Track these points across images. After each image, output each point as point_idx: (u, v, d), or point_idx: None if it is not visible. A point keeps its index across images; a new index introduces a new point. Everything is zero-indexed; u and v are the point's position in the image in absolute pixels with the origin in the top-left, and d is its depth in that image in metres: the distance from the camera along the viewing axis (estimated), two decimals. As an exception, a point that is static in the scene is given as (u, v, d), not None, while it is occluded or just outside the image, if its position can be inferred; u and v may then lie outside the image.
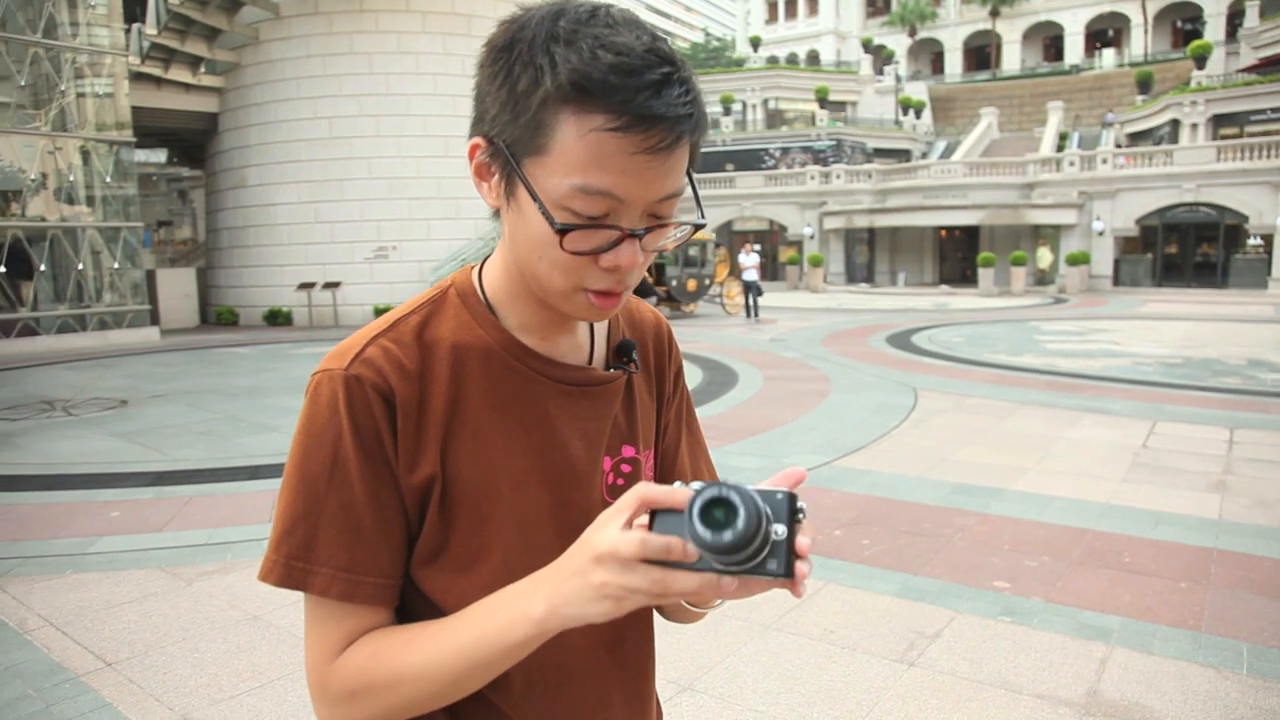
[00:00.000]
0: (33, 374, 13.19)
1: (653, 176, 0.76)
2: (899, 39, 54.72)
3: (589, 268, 0.80)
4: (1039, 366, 11.65)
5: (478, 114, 0.81)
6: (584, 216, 0.76)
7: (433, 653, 0.77)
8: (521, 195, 0.78)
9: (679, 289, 20.77)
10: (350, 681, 0.80)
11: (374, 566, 0.82)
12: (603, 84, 0.72)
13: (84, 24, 17.97)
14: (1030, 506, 5.42)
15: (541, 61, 0.74)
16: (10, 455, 7.47)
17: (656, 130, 0.74)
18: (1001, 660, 3.44)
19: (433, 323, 0.88)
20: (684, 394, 1.09)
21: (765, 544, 0.68)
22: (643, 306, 1.07)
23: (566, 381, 0.91)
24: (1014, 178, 31.61)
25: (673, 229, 0.83)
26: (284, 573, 0.81)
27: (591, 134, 0.73)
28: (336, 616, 0.82)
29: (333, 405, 0.81)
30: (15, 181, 17.19)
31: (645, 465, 0.99)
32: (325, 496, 0.81)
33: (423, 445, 0.84)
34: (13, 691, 3.30)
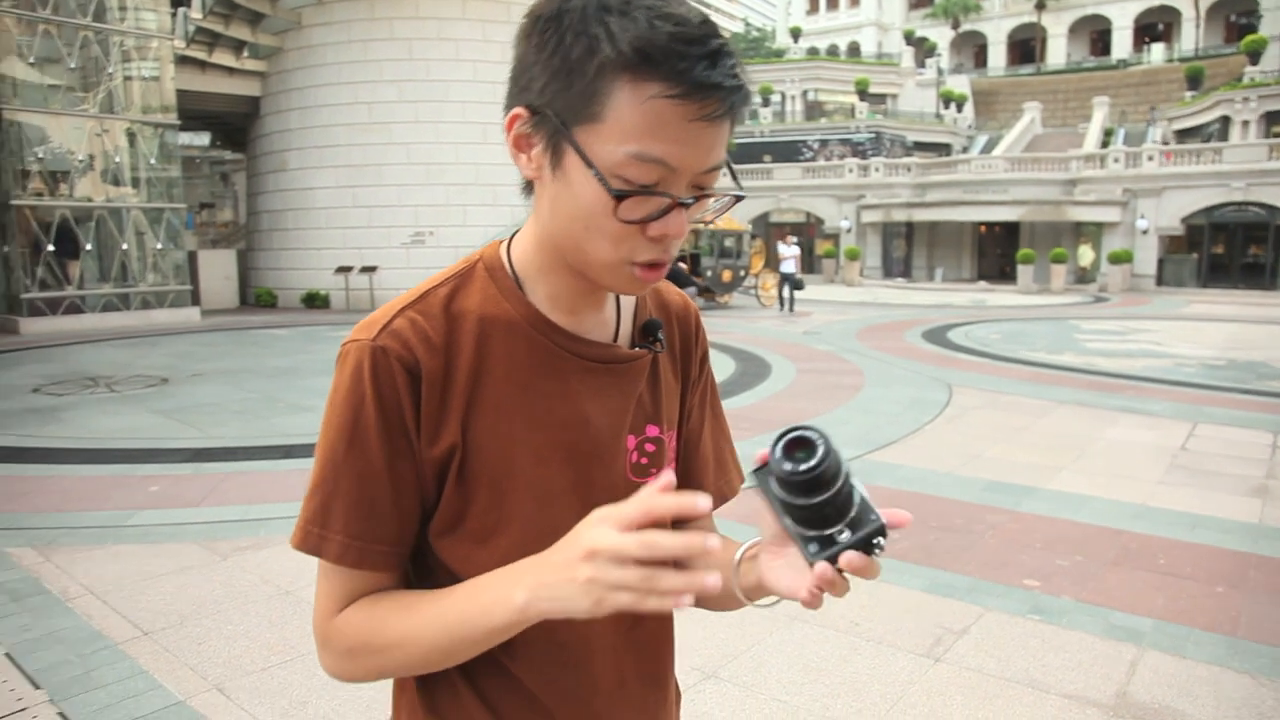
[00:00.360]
0: (78, 351, 13.48)
1: (705, 145, 0.78)
2: (942, 31, 54.04)
3: (636, 238, 0.80)
4: (1077, 365, 11.49)
5: (521, 84, 0.81)
6: (636, 185, 0.77)
7: (421, 625, 0.81)
8: (570, 164, 0.79)
9: (714, 280, 20.70)
10: (348, 639, 0.85)
11: (384, 535, 0.85)
12: (665, 51, 0.73)
13: (132, 8, 18.23)
14: (1064, 505, 5.35)
15: (597, 31, 0.75)
16: (56, 429, 7.65)
17: (712, 99, 0.75)
18: (1029, 658, 3.42)
19: (460, 295, 0.89)
20: (709, 379, 1.09)
21: (850, 501, 0.73)
22: (671, 289, 1.07)
23: (590, 358, 0.91)
24: (1056, 174, 31.10)
25: (714, 200, 0.84)
26: (302, 537, 0.85)
27: (650, 101, 0.74)
28: (343, 576, 0.86)
29: (358, 375, 0.83)
30: (64, 162, 17.51)
31: (669, 446, 0.99)
32: (343, 465, 0.83)
33: (446, 416, 0.85)
34: (55, 656, 3.39)
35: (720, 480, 1.08)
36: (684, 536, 0.69)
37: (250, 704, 3.04)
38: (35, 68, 16.90)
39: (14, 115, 16.39)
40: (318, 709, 3.02)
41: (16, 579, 4.17)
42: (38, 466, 6.35)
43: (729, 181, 0.88)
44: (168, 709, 2.99)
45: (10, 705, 3.03)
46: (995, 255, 34.73)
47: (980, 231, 35.06)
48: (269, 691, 3.12)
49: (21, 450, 6.84)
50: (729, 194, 0.85)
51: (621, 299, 0.98)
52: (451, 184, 20.95)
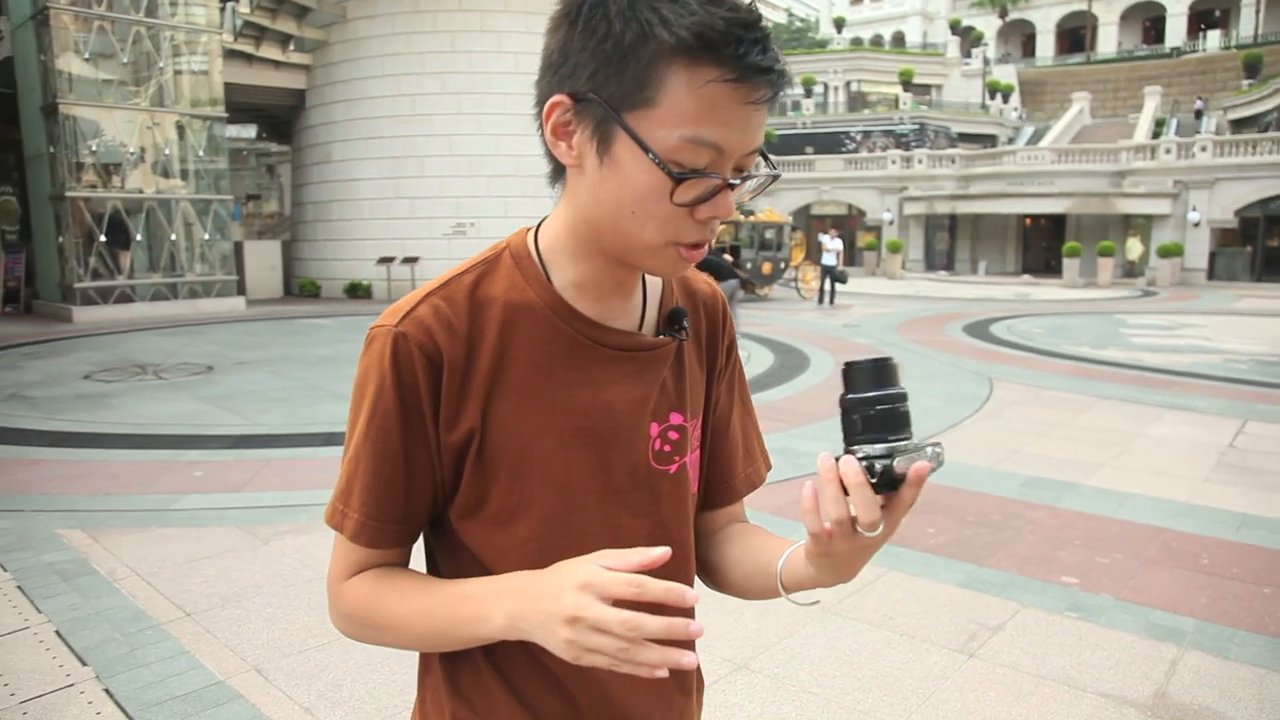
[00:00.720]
0: (128, 339, 13.79)
1: (753, 128, 0.80)
2: (989, 20, 53.11)
3: (684, 220, 0.81)
4: (1122, 360, 11.28)
5: (561, 73, 0.81)
6: (688, 168, 0.78)
7: (414, 615, 0.87)
8: (620, 150, 0.79)
9: (754, 272, 20.62)
10: (351, 607, 0.91)
11: (396, 514, 0.89)
12: (725, 36, 0.75)
13: (182, 3, 18.55)
14: (1105, 502, 5.27)
15: (648, 16, 0.75)
16: (106, 415, 7.84)
17: (764, 83, 0.78)
18: (1066, 656, 3.37)
19: (485, 281, 0.90)
20: (736, 366, 1.10)
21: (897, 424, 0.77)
22: (698, 277, 1.07)
23: (613, 345, 0.92)
24: (1105, 165, 30.49)
25: (753, 181, 0.86)
26: (329, 513, 0.91)
27: (707, 86, 0.76)
28: (357, 550, 0.91)
29: (380, 360, 0.85)
30: (116, 155, 17.89)
31: (692, 434, 1.00)
32: (364, 446, 0.87)
33: (466, 401, 0.86)
34: (102, 634, 3.49)
35: (749, 468, 1.09)
36: (667, 621, 0.73)
37: (287, 685, 3.10)
38: (90, 63, 17.28)
39: (69, 109, 16.76)
40: (353, 691, 3.07)
41: (67, 559, 4.30)
42: (88, 451, 6.52)
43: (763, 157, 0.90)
44: (208, 688, 3.07)
45: (60, 681, 3.12)
46: (1040, 248, 34.14)
47: (1025, 224, 34.49)
48: (306, 673, 3.19)
49: (73, 435, 7.02)
50: (767, 174, 0.87)
51: (648, 287, 0.98)
52: (493, 175, 21.07)
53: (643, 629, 0.72)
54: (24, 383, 9.55)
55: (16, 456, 6.34)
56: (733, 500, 1.08)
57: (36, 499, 5.31)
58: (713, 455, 1.06)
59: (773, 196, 35.70)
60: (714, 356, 1.05)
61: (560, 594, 0.75)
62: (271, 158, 35.27)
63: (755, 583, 0.98)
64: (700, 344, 1.03)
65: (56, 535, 4.64)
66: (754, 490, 1.09)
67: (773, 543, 0.97)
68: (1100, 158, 30.90)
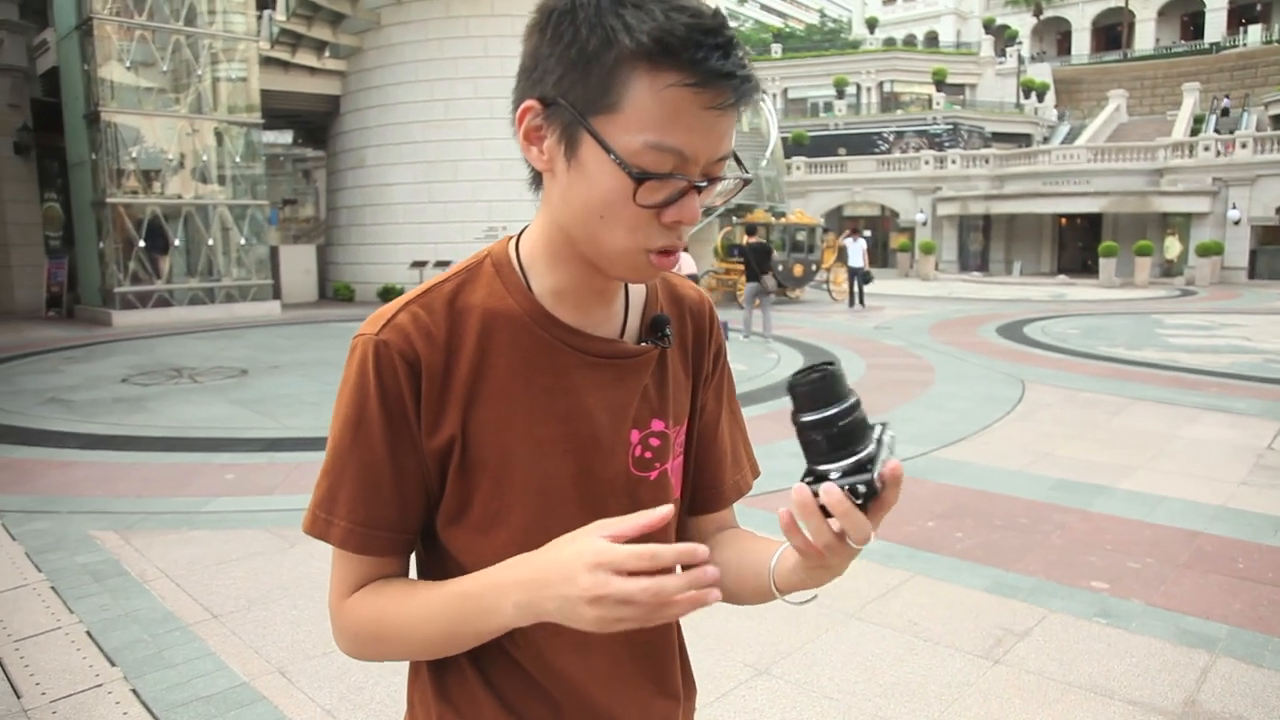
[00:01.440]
0: (165, 343, 14.03)
1: (717, 133, 0.80)
2: (1023, 18, 52.50)
3: (651, 224, 0.82)
4: (1159, 361, 11.08)
5: (532, 78, 0.82)
6: (651, 173, 0.79)
7: (418, 619, 0.86)
8: (586, 154, 0.80)
9: (785, 274, 20.51)
10: (354, 624, 0.90)
11: (388, 522, 0.88)
12: (683, 41, 0.75)
13: (220, 11, 18.86)
14: (1137, 506, 5.18)
15: (613, 22, 0.76)
16: (142, 418, 7.98)
17: (726, 88, 0.78)
18: (1094, 663, 3.32)
19: (465, 290, 0.91)
20: (725, 373, 1.09)
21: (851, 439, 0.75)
22: (685, 283, 1.07)
23: (593, 353, 0.92)
24: (1142, 163, 30.01)
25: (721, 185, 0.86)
26: (310, 521, 0.90)
27: (667, 90, 0.76)
28: (352, 561, 0.90)
29: (362, 368, 0.86)
30: (156, 161, 18.21)
31: (675, 440, 1.00)
32: (349, 454, 0.87)
33: (446, 409, 0.87)
34: (130, 635, 3.55)
35: (737, 475, 1.09)
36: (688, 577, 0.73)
37: (310, 688, 3.13)
38: (131, 71, 17.62)
39: (111, 117, 17.09)
40: (374, 694, 3.10)
41: (99, 560, 4.38)
42: (123, 454, 6.64)
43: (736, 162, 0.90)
44: (232, 689, 3.11)
45: (90, 680, 3.18)
46: (1076, 248, 33.69)
47: (1061, 224, 34.05)
48: (329, 676, 3.22)
49: (109, 438, 7.16)
50: (736, 178, 0.87)
51: (631, 294, 0.99)
52: (525, 179, 20.89)
53: (665, 591, 0.72)
54: (64, 386, 9.76)
55: (54, 459, 6.48)
56: (721, 506, 1.08)
57: (72, 501, 5.42)
58: (700, 462, 1.06)
59: (804, 198, 35.57)
60: (700, 363, 1.05)
61: (574, 577, 0.74)
62: (308, 163, 35.72)
63: (747, 586, 0.97)
64: (686, 350, 1.03)
65: (90, 537, 4.73)
66: (742, 497, 1.08)
67: (762, 545, 0.97)
68: (1137, 156, 30.41)
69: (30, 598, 3.94)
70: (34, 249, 21.19)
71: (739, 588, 0.99)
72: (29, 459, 6.50)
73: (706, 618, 3.73)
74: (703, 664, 3.32)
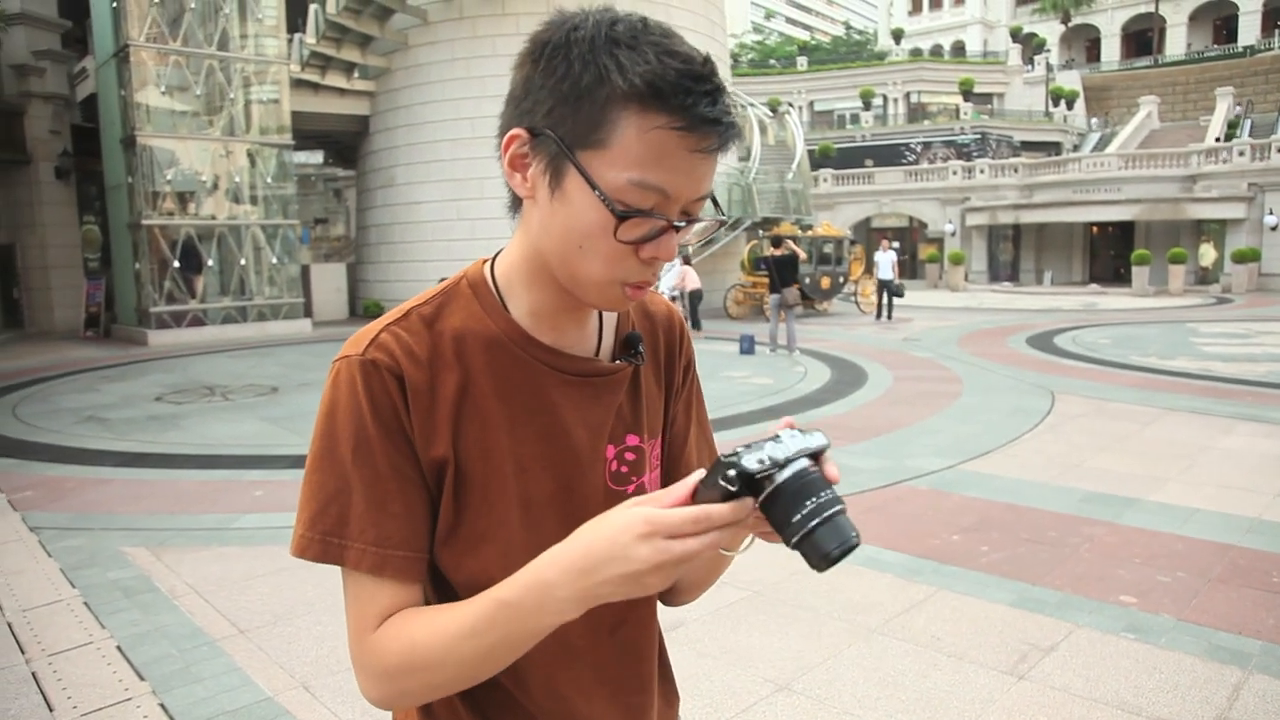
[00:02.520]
0: (198, 361, 14.26)
1: (699, 175, 0.82)
2: (1051, 26, 52.15)
3: (629, 259, 0.84)
4: (1192, 370, 10.90)
5: (522, 107, 0.84)
6: (633, 209, 0.81)
7: (457, 636, 0.81)
8: (570, 186, 0.82)
9: (812, 286, 20.45)
10: (384, 658, 0.84)
11: (401, 540, 0.86)
12: (674, 86, 0.78)
13: (252, 36, 19.23)
14: (1168, 518, 5.09)
15: (606, 62, 0.78)
16: (175, 435, 8.12)
17: (712, 134, 0.80)
18: (1121, 679, 3.27)
19: (443, 313, 0.92)
20: (694, 386, 1.12)
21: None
22: (656, 299, 1.09)
23: (570, 372, 0.94)
24: (1175, 170, 29.59)
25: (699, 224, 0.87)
26: (321, 548, 0.86)
27: (654, 132, 0.78)
28: (370, 591, 0.86)
29: (352, 389, 0.87)
30: (190, 183, 18.58)
31: (650, 454, 1.02)
32: (352, 475, 0.86)
33: (435, 428, 0.88)
34: (159, 650, 3.61)
35: None
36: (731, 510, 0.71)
37: (333, 703, 3.16)
38: (166, 96, 18.01)
39: (147, 140, 17.48)
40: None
41: (130, 576, 4.46)
42: (155, 471, 6.75)
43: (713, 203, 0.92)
44: (257, 704, 3.15)
45: (119, 695, 3.24)
46: (1108, 257, 33.27)
47: (1092, 232, 33.64)
48: (351, 691, 3.24)
49: (142, 455, 7.28)
50: (713, 219, 0.90)
51: (605, 313, 1.01)
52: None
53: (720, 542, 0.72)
54: (100, 405, 9.95)
55: (89, 476, 6.60)
56: None
57: (105, 518, 5.52)
58: (668, 474, 1.07)
59: (832, 210, 35.47)
60: (671, 376, 1.07)
61: (627, 553, 0.72)
62: (339, 182, 36.14)
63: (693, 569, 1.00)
64: (659, 364, 1.06)
65: (122, 553, 4.81)
66: None
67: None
68: (1169, 162, 30.00)
69: (64, 613, 4.01)
70: (73, 270, 21.68)
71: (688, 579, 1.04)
72: (66, 476, 6.64)
73: (727, 633, 3.72)
74: (723, 679, 3.32)
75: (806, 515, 0.70)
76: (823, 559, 0.69)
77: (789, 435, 0.74)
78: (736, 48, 56.84)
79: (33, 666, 3.48)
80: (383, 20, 21.50)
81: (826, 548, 0.69)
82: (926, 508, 5.44)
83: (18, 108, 20.85)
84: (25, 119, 20.95)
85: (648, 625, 1.04)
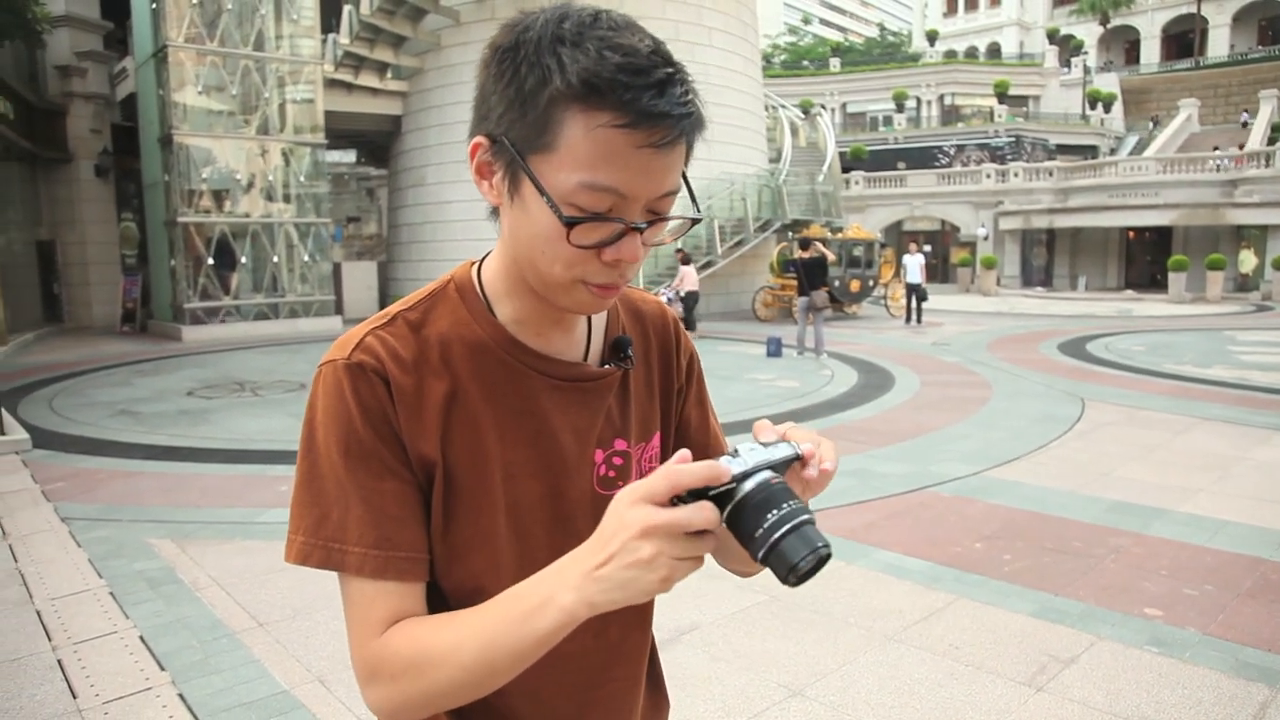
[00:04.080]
0: (230, 357, 14.45)
1: (654, 172, 0.78)
2: (1089, 28, 51.48)
3: (591, 262, 0.82)
4: (1229, 379, 10.70)
5: (481, 113, 0.83)
6: (588, 212, 0.78)
7: (461, 641, 0.78)
8: (526, 191, 0.80)
9: (842, 290, 20.32)
10: (389, 663, 0.81)
11: (400, 541, 0.85)
12: (611, 82, 0.75)
13: (288, 36, 19.46)
14: (1198, 530, 5.00)
15: (549, 62, 0.76)
16: (204, 430, 8.23)
17: (660, 127, 0.76)
18: (1142, 693, 3.21)
19: (430, 317, 0.91)
20: (699, 380, 1.10)
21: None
22: (645, 298, 1.07)
23: (558, 377, 0.93)
24: (1215, 174, 29.07)
25: (670, 223, 0.84)
26: (323, 555, 0.84)
27: (598, 130, 0.76)
28: (370, 596, 0.84)
29: (339, 393, 0.85)
30: (225, 181, 18.83)
31: (637, 458, 1.00)
32: (346, 479, 0.84)
33: (422, 432, 0.86)
34: (180, 641, 3.66)
35: None
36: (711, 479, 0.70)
37: (347, 697, 3.19)
38: (203, 95, 18.27)
39: (183, 139, 17.74)
40: (410, 704, 3.14)
41: (155, 568, 4.52)
42: (184, 465, 6.85)
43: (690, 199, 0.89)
44: (273, 697, 3.18)
45: (140, 684, 3.29)
46: (1145, 262, 32.77)
47: (1128, 237, 33.15)
48: (367, 685, 3.27)
49: (172, 449, 7.39)
50: (684, 217, 0.85)
51: (594, 317, 0.99)
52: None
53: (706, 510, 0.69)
54: (134, 399, 10.11)
55: (120, 469, 6.71)
56: None
57: (134, 510, 5.61)
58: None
59: (863, 213, 35.25)
60: (669, 375, 1.05)
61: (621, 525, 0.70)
62: (371, 181, 36.48)
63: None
64: (652, 366, 1.04)
65: (148, 545, 4.89)
66: None
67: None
68: (1209, 166, 29.47)
69: (90, 602, 4.08)
70: (111, 267, 22.05)
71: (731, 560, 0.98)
72: (98, 468, 6.75)
73: (742, 637, 3.71)
74: (735, 683, 3.31)
75: (769, 527, 0.68)
76: (790, 571, 0.67)
77: (748, 449, 0.73)
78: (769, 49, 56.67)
79: (58, 654, 3.54)
80: (415, 21, 21.66)
81: (793, 559, 0.67)
82: (950, 514, 5.38)
83: (60, 107, 21.24)
84: (67, 118, 21.34)
85: (636, 628, 1.02)
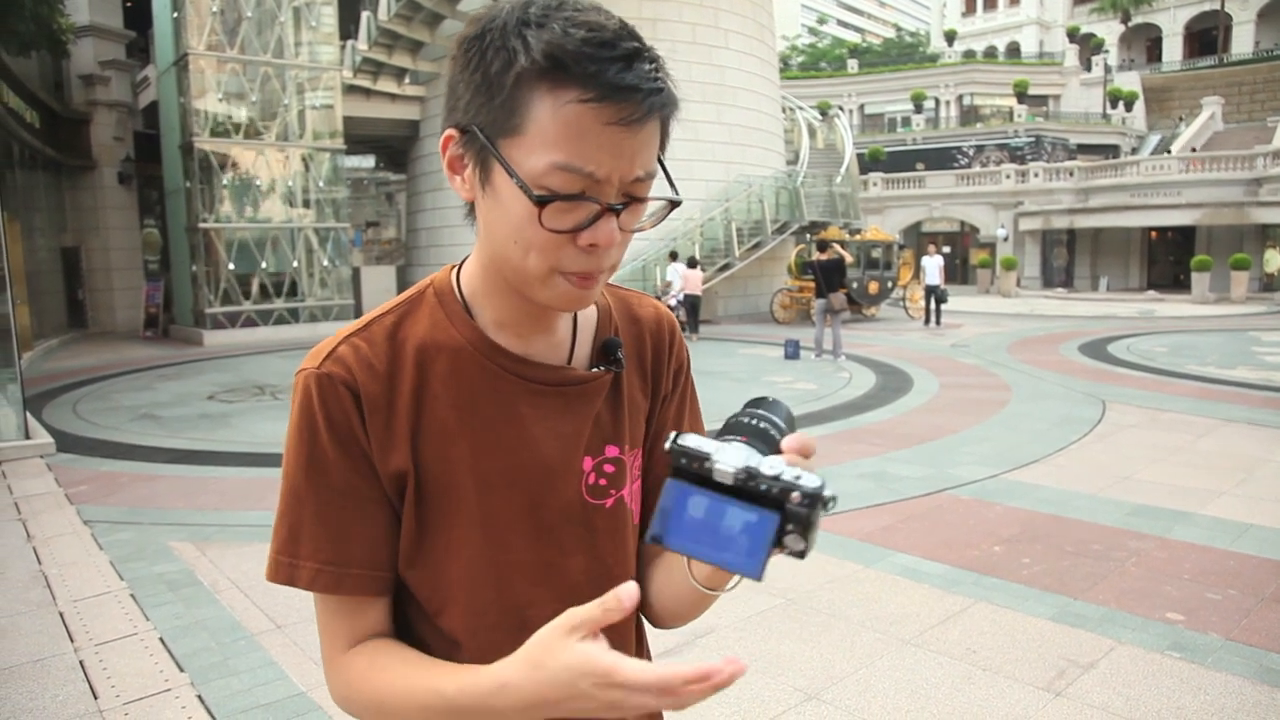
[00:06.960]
0: (250, 361, 14.57)
1: (627, 151, 0.76)
2: (1110, 26, 51.00)
3: (566, 248, 0.79)
4: (1252, 380, 10.57)
5: (450, 106, 0.82)
6: (559, 194, 0.76)
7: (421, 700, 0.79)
8: (498, 179, 0.79)
9: (859, 291, 20.24)
10: (350, 689, 0.85)
11: (358, 558, 0.85)
12: (576, 55, 0.73)
13: (307, 43, 19.61)
14: (1221, 533, 4.95)
15: (514, 44, 0.75)
16: (225, 433, 8.30)
17: (629, 102, 0.74)
18: (1162, 699, 3.18)
19: (407, 322, 0.89)
20: (687, 390, 1.07)
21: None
22: (643, 301, 1.04)
23: (539, 381, 0.90)
24: (1239, 173, 28.71)
25: (648, 206, 0.82)
26: (273, 568, 0.85)
27: (566, 107, 0.74)
28: (332, 611, 0.86)
29: (307, 403, 0.84)
30: (246, 187, 19.00)
31: (631, 465, 0.97)
32: (305, 492, 0.84)
33: (393, 442, 0.85)
34: (200, 643, 3.69)
35: None
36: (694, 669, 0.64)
37: (365, 698, 3.20)
38: (223, 102, 18.45)
39: (204, 146, 17.92)
40: (426, 707, 3.15)
41: (176, 570, 4.57)
42: (205, 468, 6.91)
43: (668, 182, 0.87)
44: (290, 698, 3.20)
45: (159, 685, 3.32)
46: (1167, 262, 32.46)
47: (1150, 237, 32.86)
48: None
49: (193, 453, 7.46)
50: (662, 199, 0.82)
51: (580, 318, 0.96)
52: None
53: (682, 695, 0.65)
54: (156, 403, 10.21)
55: (142, 472, 6.78)
56: None
57: (155, 513, 5.67)
58: (657, 482, 1.00)
59: (881, 214, 35.12)
60: (658, 381, 1.02)
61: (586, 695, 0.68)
62: (390, 186, 36.72)
63: (679, 591, 0.93)
64: (645, 370, 1.01)
65: (169, 547, 4.94)
66: None
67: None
68: (1233, 165, 29.10)
69: (112, 604, 4.13)
70: (134, 272, 22.32)
71: (672, 600, 0.95)
72: (120, 472, 6.82)
73: (758, 640, 3.70)
74: (751, 687, 3.30)
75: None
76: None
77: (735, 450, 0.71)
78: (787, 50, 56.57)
79: (80, 655, 3.58)
80: (433, 26, 21.79)
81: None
82: (968, 517, 5.35)
83: (84, 116, 21.53)
84: (91, 126, 21.62)
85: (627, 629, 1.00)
